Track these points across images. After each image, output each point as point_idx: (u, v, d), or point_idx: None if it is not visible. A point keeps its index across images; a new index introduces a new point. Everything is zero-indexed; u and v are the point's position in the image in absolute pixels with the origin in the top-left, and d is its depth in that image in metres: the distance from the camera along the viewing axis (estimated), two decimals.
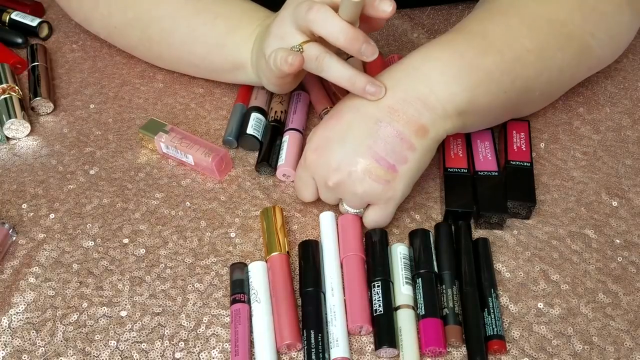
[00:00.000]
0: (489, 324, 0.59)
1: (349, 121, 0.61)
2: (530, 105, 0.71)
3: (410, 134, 0.60)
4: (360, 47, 0.58)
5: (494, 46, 0.63)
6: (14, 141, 0.75)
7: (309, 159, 0.63)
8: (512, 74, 0.63)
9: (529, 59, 0.64)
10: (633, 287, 0.62)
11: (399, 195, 0.62)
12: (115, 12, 0.74)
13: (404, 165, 0.60)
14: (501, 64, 0.62)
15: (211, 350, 0.59)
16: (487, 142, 0.69)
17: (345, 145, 0.61)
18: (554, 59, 0.66)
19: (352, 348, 0.59)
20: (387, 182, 0.60)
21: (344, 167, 0.60)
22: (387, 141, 0.60)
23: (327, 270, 0.62)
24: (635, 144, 0.73)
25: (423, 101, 0.60)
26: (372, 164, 0.60)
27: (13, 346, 0.59)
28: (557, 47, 0.66)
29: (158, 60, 0.78)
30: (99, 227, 0.67)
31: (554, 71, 0.67)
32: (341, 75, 0.60)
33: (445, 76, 0.60)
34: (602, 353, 0.58)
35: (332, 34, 0.58)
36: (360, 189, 0.61)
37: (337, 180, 0.61)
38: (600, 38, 0.68)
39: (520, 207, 0.66)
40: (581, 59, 0.69)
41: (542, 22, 0.65)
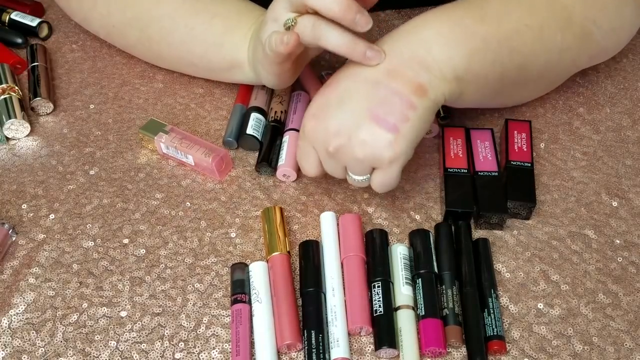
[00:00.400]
0: (489, 325, 0.59)
1: (346, 86, 0.61)
2: (529, 88, 0.70)
3: (409, 93, 0.59)
4: (354, 17, 0.57)
5: (492, 15, 0.63)
6: (14, 141, 0.75)
7: (307, 127, 0.62)
8: (509, 45, 0.63)
9: (527, 35, 0.64)
10: (633, 288, 0.62)
11: (402, 155, 0.59)
12: (114, 12, 0.74)
13: (406, 123, 0.59)
14: (498, 34, 0.62)
15: (211, 351, 0.59)
16: (487, 142, 0.69)
17: (344, 109, 0.59)
18: (553, 40, 0.66)
19: (352, 348, 0.59)
20: (389, 143, 0.58)
21: (343, 131, 0.59)
22: (386, 101, 0.59)
23: (328, 270, 0.62)
24: (635, 144, 0.73)
25: (421, 62, 0.60)
26: (373, 125, 0.58)
27: (13, 347, 0.59)
28: (556, 28, 0.66)
29: (157, 60, 0.78)
30: (99, 228, 0.67)
31: (554, 53, 0.67)
32: (340, 41, 0.59)
33: (442, 39, 0.60)
34: (602, 353, 0.58)
35: (325, 5, 0.57)
36: (362, 153, 0.59)
37: (338, 144, 0.59)
38: (601, 27, 0.68)
39: (520, 207, 0.66)
40: (582, 44, 0.69)
41: (541, 3, 0.66)
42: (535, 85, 0.70)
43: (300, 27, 0.59)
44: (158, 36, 0.73)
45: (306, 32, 0.59)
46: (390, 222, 0.67)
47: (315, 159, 0.63)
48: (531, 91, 0.71)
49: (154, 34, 0.73)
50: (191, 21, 0.71)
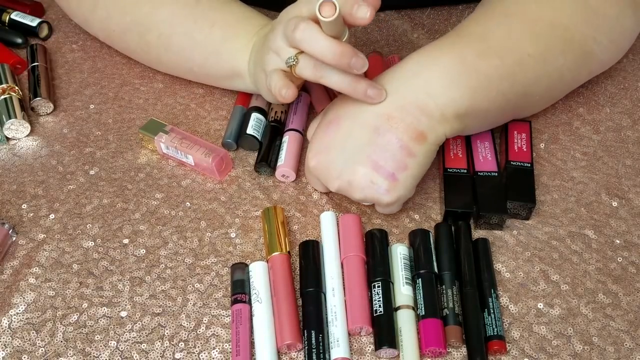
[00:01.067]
0: (489, 325, 0.59)
1: (348, 128, 0.62)
2: (530, 108, 0.71)
3: (408, 141, 0.60)
4: (349, 62, 0.58)
5: (495, 50, 0.63)
6: (14, 141, 0.75)
7: (310, 165, 0.64)
8: (511, 78, 0.63)
9: (529, 64, 0.64)
10: (633, 288, 0.62)
11: (400, 200, 0.63)
12: (114, 16, 0.74)
13: (404, 172, 0.61)
14: (501, 68, 0.62)
15: (211, 351, 0.59)
16: (486, 142, 0.69)
17: (345, 153, 0.61)
18: (555, 64, 0.66)
19: (352, 348, 0.59)
20: (386, 191, 0.61)
21: (344, 175, 0.62)
22: (385, 149, 0.60)
23: (328, 270, 0.62)
24: (635, 144, 0.73)
25: (421, 108, 0.60)
26: (372, 173, 0.60)
27: (13, 347, 0.59)
28: (559, 52, 0.66)
29: (156, 65, 0.78)
30: (99, 228, 0.67)
31: (555, 76, 0.67)
32: (341, 81, 0.60)
33: (444, 81, 0.61)
34: (602, 353, 0.58)
35: (319, 53, 0.58)
36: (361, 196, 0.62)
37: (338, 187, 0.63)
38: (602, 42, 0.68)
39: (520, 207, 0.66)
40: (582, 63, 0.69)
41: (544, 26, 0.65)
42: (536, 105, 0.71)
43: (301, 67, 0.60)
44: (157, 42, 0.73)
45: (307, 72, 0.60)
46: (389, 222, 0.67)
47: (324, 187, 0.67)
48: (532, 110, 0.72)
49: (153, 40, 0.73)
50: (190, 28, 0.71)
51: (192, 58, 0.73)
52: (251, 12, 0.73)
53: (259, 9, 0.73)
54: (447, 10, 0.88)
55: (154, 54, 0.76)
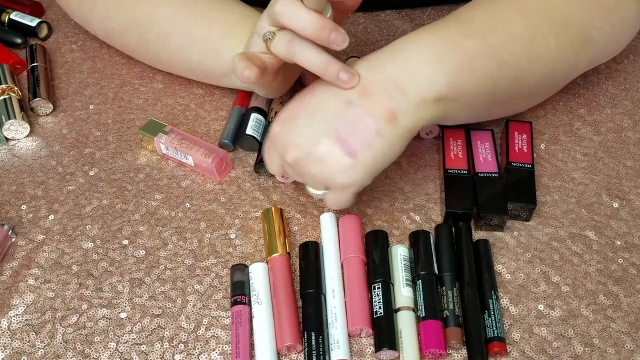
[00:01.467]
0: (490, 326, 0.58)
1: (320, 98, 0.60)
2: (527, 98, 0.69)
3: (379, 118, 0.57)
4: (329, 36, 0.56)
5: (478, 29, 0.61)
6: (13, 142, 0.75)
7: (273, 131, 0.61)
8: (498, 58, 0.61)
9: (518, 45, 0.62)
10: (634, 289, 0.62)
11: (355, 183, 0.59)
12: (113, 14, 0.74)
13: (367, 151, 0.57)
14: (486, 48, 0.60)
15: (211, 352, 0.59)
16: (487, 143, 0.69)
17: (312, 122, 0.59)
18: (547, 48, 0.63)
19: (352, 350, 0.59)
20: (344, 168, 0.58)
21: (304, 145, 0.58)
22: (354, 123, 0.57)
23: (328, 271, 0.62)
24: (636, 145, 0.73)
25: (397, 84, 0.58)
26: (333, 145, 0.57)
27: (12, 348, 0.59)
28: (550, 34, 0.63)
29: (155, 63, 0.78)
30: (98, 229, 0.67)
31: (549, 61, 0.64)
32: (314, 60, 0.58)
33: (424, 59, 0.58)
34: (602, 355, 0.58)
35: (299, 25, 0.57)
36: (316, 170, 0.58)
37: (295, 157, 0.59)
38: (601, 29, 0.66)
39: (520, 209, 0.65)
40: (580, 49, 0.67)
41: (533, 8, 0.63)
42: (533, 94, 0.68)
43: (275, 42, 0.59)
44: (156, 40, 0.73)
45: (281, 48, 0.59)
46: (390, 223, 0.67)
47: (278, 162, 0.63)
48: (529, 100, 0.70)
49: (152, 38, 0.73)
50: (189, 26, 0.71)
51: (191, 56, 0.73)
52: (250, 10, 0.72)
53: (259, 9, 0.72)
54: (448, 10, 0.88)
55: (154, 52, 0.75)
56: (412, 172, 0.71)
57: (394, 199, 0.69)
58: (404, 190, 0.69)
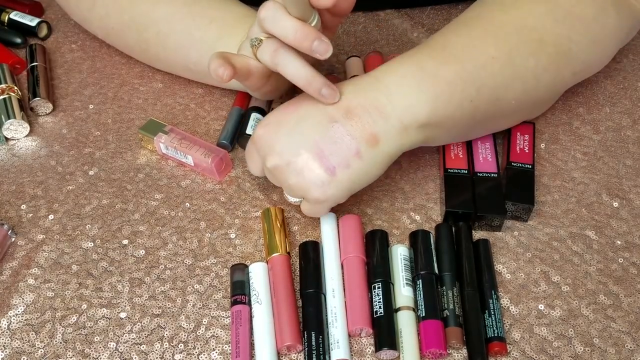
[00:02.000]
0: (490, 326, 0.58)
1: (305, 112, 0.60)
2: (512, 116, 0.68)
3: (360, 140, 0.58)
4: (311, 45, 0.56)
5: (454, 55, 0.61)
6: (13, 142, 0.75)
7: (256, 133, 0.61)
8: (476, 82, 0.61)
9: (494, 67, 0.62)
10: (634, 289, 0.62)
11: (330, 199, 0.60)
12: (112, 14, 0.74)
13: (345, 170, 0.59)
14: (462, 73, 0.61)
15: (211, 352, 0.59)
16: (487, 143, 0.69)
17: (295, 133, 0.59)
18: (526, 66, 0.63)
19: (352, 350, 0.59)
20: (321, 184, 0.59)
21: (285, 154, 0.59)
22: (335, 142, 0.58)
23: (328, 271, 0.62)
24: (635, 144, 0.73)
25: (380, 110, 0.59)
26: (313, 160, 0.58)
27: (12, 348, 0.59)
28: (528, 53, 0.63)
29: (154, 63, 0.78)
30: (98, 228, 0.67)
31: (529, 78, 0.64)
32: (297, 73, 0.58)
33: (403, 87, 0.59)
34: (603, 355, 0.58)
35: (281, 32, 0.56)
36: (294, 181, 0.59)
37: (275, 164, 0.60)
38: (579, 42, 0.66)
39: (518, 209, 0.65)
40: (560, 63, 0.66)
41: (508, 29, 0.64)
42: (517, 112, 0.68)
43: (261, 50, 0.59)
44: (155, 40, 0.73)
45: (266, 57, 0.59)
46: (390, 223, 0.67)
47: (259, 164, 0.64)
48: (515, 117, 0.69)
49: (151, 38, 0.73)
50: (188, 26, 0.71)
51: (189, 55, 0.73)
52: (248, 10, 0.72)
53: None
54: (447, 9, 0.88)
55: (153, 52, 0.75)
56: (412, 172, 0.71)
57: (394, 198, 0.69)
58: (404, 190, 0.69)
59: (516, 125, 0.71)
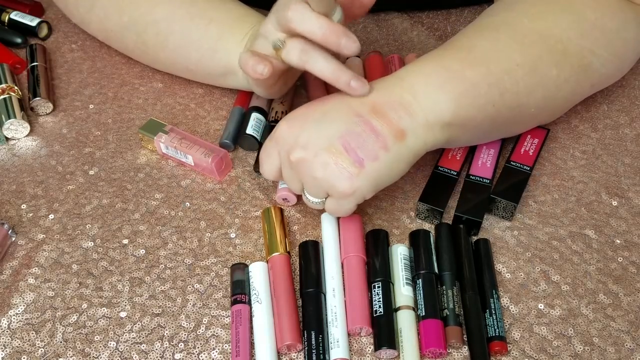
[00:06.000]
0: (490, 325, 0.58)
1: (332, 106, 0.60)
2: (528, 122, 0.69)
3: (387, 134, 0.58)
4: (339, 41, 0.56)
5: (480, 59, 0.62)
6: (13, 141, 0.75)
7: (279, 129, 0.60)
8: (500, 87, 0.61)
9: (518, 74, 0.62)
10: (633, 288, 0.62)
11: (358, 193, 0.59)
12: (111, 15, 0.74)
13: (373, 162, 0.58)
14: (488, 76, 0.61)
15: (211, 352, 0.59)
16: (492, 149, 0.69)
17: (321, 126, 0.59)
18: (548, 76, 0.64)
19: (352, 349, 0.59)
20: (350, 176, 0.57)
21: (311, 146, 0.58)
22: (361, 135, 0.58)
23: (328, 270, 0.62)
24: (633, 142, 0.73)
25: (406, 108, 0.59)
26: (341, 152, 0.58)
27: (12, 347, 0.59)
28: (551, 63, 0.64)
29: (154, 64, 0.78)
30: (98, 228, 0.67)
31: (551, 87, 0.65)
32: (326, 68, 0.59)
33: (428, 86, 0.60)
34: (602, 354, 0.58)
35: (310, 30, 0.57)
36: (321, 173, 0.58)
37: (301, 156, 0.58)
38: (602, 55, 0.67)
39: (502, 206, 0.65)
40: (582, 75, 0.67)
41: (534, 38, 0.64)
42: (534, 119, 0.69)
43: (287, 50, 0.59)
44: (154, 41, 0.73)
45: (294, 57, 0.59)
46: (390, 222, 0.67)
47: (277, 163, 0.62)
48: (531, 123, 0.70)
49: (150, 39, 0.73)
50: (187, 26, 0.71)
51: (189, 56, 0.73)
52: (247, 10, 0.72)
53: (259, 10, 0.72)
54: (446, 10, 0.88)
55: (152, 53, 0.75)
56: (412, 172, 0.71)
57: (394, 198, 0.69)
58: (404, 189, 0.69)
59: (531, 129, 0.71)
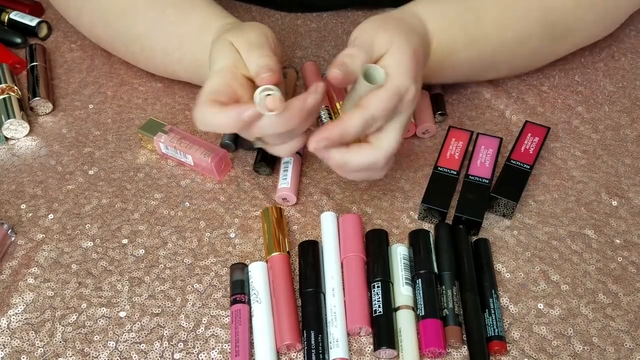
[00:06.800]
0: (490, 325, 0.58)
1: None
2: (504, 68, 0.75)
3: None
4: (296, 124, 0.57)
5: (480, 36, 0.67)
6: (13, 141, 0.75)
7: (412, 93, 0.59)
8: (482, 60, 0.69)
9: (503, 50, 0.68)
10: (633, 288, 0.62)
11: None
12: (98, 24, 0.74)
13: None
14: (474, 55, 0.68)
15: (210, 351, 0.59)
16: (491, 149, 0.69)
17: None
18: (528, 46, 0.69)
19: (351, 348, 0.59)
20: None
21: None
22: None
23: (328, 270, 0.62)
24: (634, 143, 0.73)
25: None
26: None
27: (12, 347, 0.59)
28: (537, 37, 0.69)
29: (147, 70, 0.78)
30: (98, 228, 0.67)
31: (527, 55, 0.71)
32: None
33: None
34: (602, 354, 0.58)
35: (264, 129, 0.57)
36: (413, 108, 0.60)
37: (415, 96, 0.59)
38: (585, 21, 0.70)
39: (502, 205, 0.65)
40: (561, 42, 0.72)
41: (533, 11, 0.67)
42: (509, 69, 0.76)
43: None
44: (140, 55, 0.73)
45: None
46: (390, 222, 0.67)
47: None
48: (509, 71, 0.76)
49: (137, 52, 0.74)
50: (166, 46, 0.70)
51: (176, 72, 0.73)
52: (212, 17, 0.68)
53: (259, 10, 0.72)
54: None
55: (142, 64, 0.76)
56: (412, 172, 0.71)
57: (393, 198, 0.69)
58: (404, 189, 0.69)
59: (531, 127, 0.71)
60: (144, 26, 0.70)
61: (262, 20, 0.87)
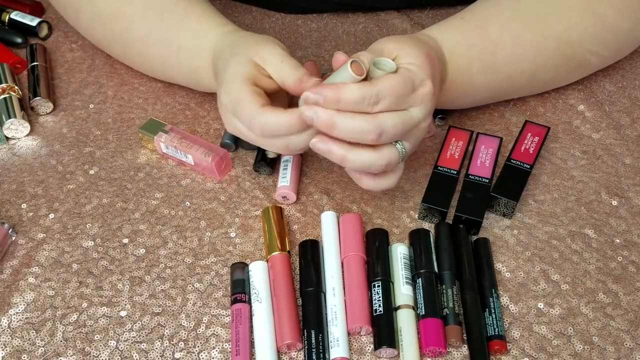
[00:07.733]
0: (490, 324, 0.59)
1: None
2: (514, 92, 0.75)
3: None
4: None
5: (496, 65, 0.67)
6: (14, 141, 0.75)
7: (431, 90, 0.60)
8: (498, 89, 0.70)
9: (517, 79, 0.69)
10: (633, 287, 0.62)
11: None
12: (96, 27, 0.74)
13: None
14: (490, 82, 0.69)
15: (211, 351, 0.59)
16: (491, 149, 0.69)
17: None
18: (544, 77, 0.70)
19: (352, 348, 0.59)
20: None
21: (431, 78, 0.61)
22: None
23: (328, 270, 0.62)
24: (634, 143, 0.73)
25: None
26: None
27: (13, 346, 0.59)
28: (553, 69, 0.69)
29: (145, 73, 0.78)
30: (98, 227, 0.67)
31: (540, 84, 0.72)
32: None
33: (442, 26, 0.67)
34: (602, 353, 0.58)
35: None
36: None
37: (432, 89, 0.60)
38: (604, 55, 0.71)
39: (502, 204, 0.65)
40: (575, 73, 0.74)
41: (551, 43, 0.67)
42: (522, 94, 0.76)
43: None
44: (138, 60, 0.74)
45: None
46: (390, 221, 0.67)
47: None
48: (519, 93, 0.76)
49: (135, 57, 0.74)
50: (162, 53, 0.70)
51: (173, 77, 0.74)
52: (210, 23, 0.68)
53: (259, 10, 0.72)
54: (446, 10, 0.88)
55: (140, 68, 0.77)
56: (412, 171, 0.71)
57: (394, 197, 0.69)
58: (404, 188, 0.70)
59: (531, 127, 0.71)
60: (142, 31, 0.70)
61: (262, 20, 0.87)
